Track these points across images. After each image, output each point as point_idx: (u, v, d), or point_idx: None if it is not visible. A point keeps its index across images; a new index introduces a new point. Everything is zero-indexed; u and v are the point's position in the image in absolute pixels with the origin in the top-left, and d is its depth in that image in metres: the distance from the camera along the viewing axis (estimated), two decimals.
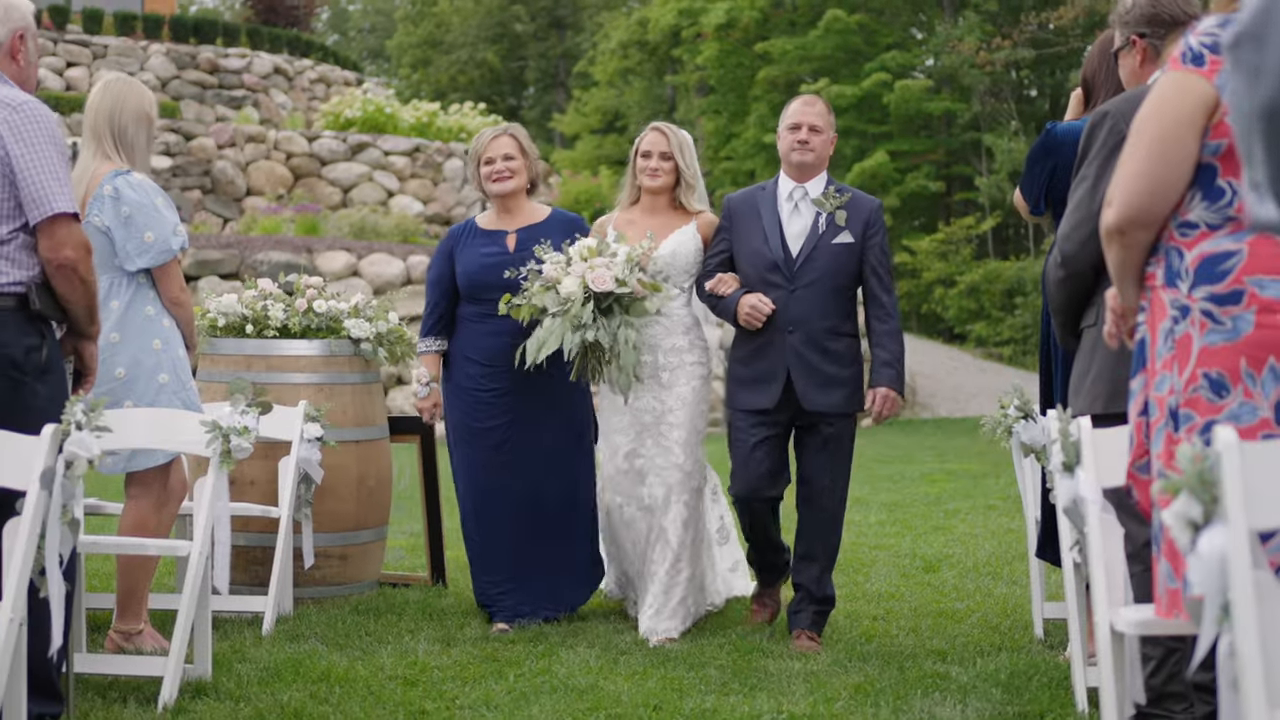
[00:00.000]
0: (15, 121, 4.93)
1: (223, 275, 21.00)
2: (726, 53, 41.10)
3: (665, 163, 7.30)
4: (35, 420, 4.78)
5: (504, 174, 7.29)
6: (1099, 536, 4.43)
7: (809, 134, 6.93)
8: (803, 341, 6.80)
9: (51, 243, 4.94)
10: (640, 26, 45.14)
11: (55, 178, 4.92)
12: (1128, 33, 5.21)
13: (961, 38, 36.64)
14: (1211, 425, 3.57)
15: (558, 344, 6.66)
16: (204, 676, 5.88)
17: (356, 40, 66.46)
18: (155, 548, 6.05)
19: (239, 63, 33.15)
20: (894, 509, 12.43)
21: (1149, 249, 3.78)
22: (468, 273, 7.28)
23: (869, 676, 6.06)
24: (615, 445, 7.23)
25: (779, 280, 6.85)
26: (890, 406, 6.85)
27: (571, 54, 54.55)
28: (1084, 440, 4.57)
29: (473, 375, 7.28)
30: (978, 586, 8.29)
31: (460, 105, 33.57)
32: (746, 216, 7.04)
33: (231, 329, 7.83)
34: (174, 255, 6.47)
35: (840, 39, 38.69)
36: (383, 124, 30.51)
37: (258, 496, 7.57)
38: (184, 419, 6.02)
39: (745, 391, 6.93)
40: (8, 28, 5.17)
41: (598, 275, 6.67)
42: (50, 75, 31.42)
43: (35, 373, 4.95)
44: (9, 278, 4.93)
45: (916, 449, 19.92)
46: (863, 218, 6.92)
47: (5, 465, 4.61)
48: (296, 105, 33.33)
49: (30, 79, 5.27)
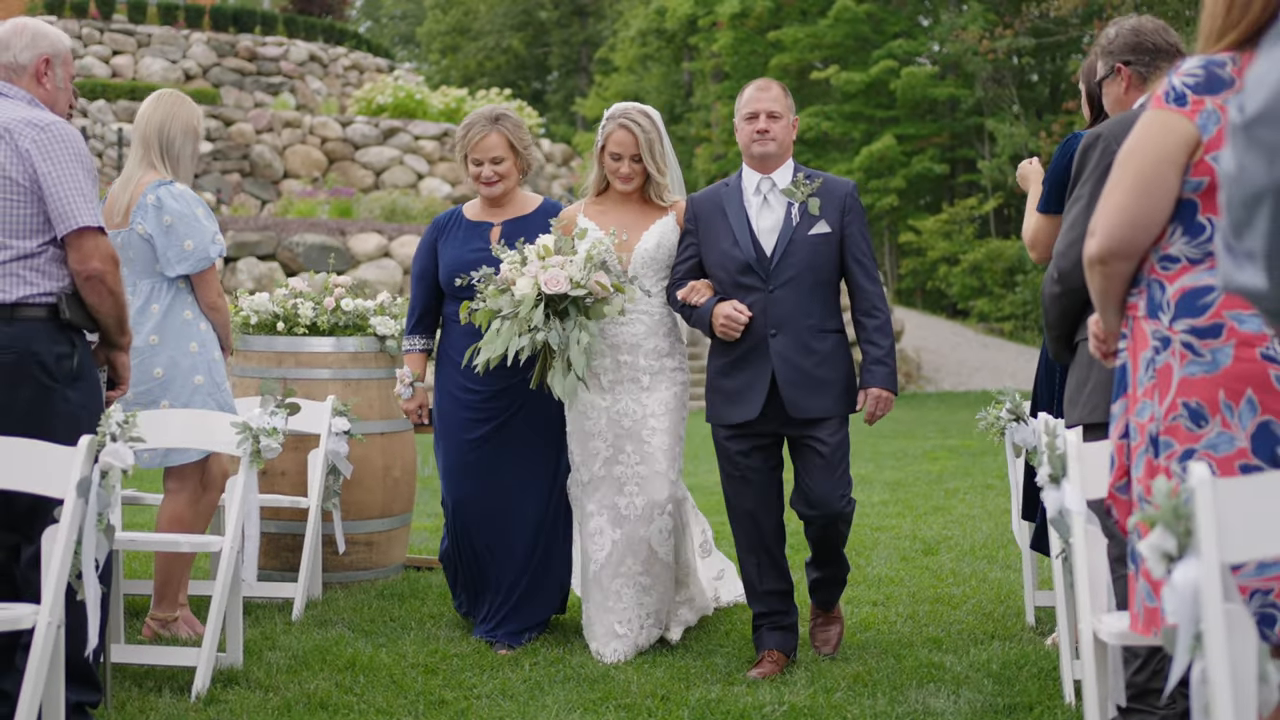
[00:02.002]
0: (43, 140, 4.95)
1: (260, 256, 21.03)
2: (740, 40, 41.04)
3: (636, 165, 6.48)
4: (66, 427, 4.82)
5: (492, 180, 6.64)
6: (1083, 546, 4.42)
7: (768, 121, 6.16)
8: (787, 345, 6.07)
9: (79, 255, 4.95)
10: (658, 15, 45.09)
11: (81, 193, 4.94)
12: (1112, 61, 5.19)
13: (965, 26, 36.53)
14: (1191, 453, 3.55)
15: (504, 348, 6.00)
16: (235, 665, 5.89)
17: (389, 27, 66.37)
18: (188, 544, 6.05)
19: (276, 50, 33.15)
20: (896, 488, 12.42)
21: (1130, 278, 3.76)
22: (449, 269, 6.64)
23: (867, 666, 6.05)
24: (594, 450, 6.43)
25: (754, 282, 6.11)
26: (884, 407, 6.15)
27: (593, 40, 54.42)
28: (1070, 453, 4.56)
29: (455, 378, 6.66)
30: (974, 571, 8.26)
31: (487, 91, 33.54)
32: (712, 217, 6.28)
33: (263, 326, 7.82)
34: (212, 263, 6.50)
35: (849, 27, 38.63)
36: (413, 109, 30.53)
37: (288, 487, 7.58)
38: (217, 420, 6.03)
39: (728, 405, 6.19)
40: (33, 52, 5.19)
41: (551, 276, 5.99)
42: (96, 63, 31.46)
43: (66, 380, 4.96)
44: (39, 289, 4.94)
45: (920, 424, 19.90)
46: (838, 204, 6.18)
47: (44, 474, 4.61)
48: (331, 91, 33.33)
49: (59, 102, 5.28)
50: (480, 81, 51.16)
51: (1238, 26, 3.52)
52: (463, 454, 6.62)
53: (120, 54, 32.09)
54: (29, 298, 4.92)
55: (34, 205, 4.95)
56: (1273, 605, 3.43)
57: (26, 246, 4.95)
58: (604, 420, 6.41)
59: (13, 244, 4.94)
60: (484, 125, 6.62)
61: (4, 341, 4.88)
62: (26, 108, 5.08)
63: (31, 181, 4.93)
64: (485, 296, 6.11)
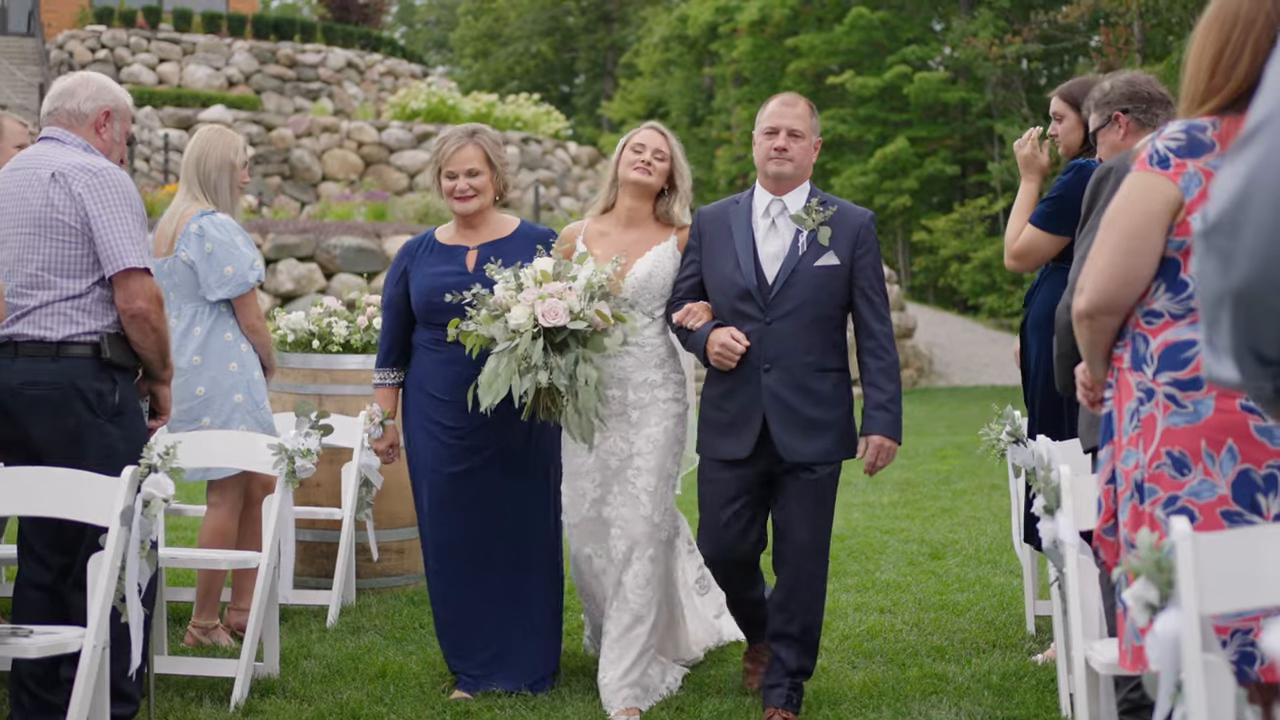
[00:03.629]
0: (94, 185, 5.02)
1: (299, 258, 21.08)
2: (759, 47, 41.02)
3: (660, 162, 5.87)
4: (106, 459, 4.90)
5: (467, 194, 5.96)
6: (1076, 576, 4.46)
7: (788, 140, 5.55)
8: (780, 381, 5.44)
9: (125, 294, 5.02)
10: (680, 22, 45.08)
11: (129, 236, 5.01)
12: (1110, 111, 5.23)
13: (976, 33, 36.42)
14: (1174, 499, 3.58)
15: (506, 388, 5.37)
16: (272, 674, 5.96)
17: (423, 32, 66.44)
18: (226, 561, 6.14)
19: (315, 58, 33.27)
20: (906, 488, 12.44)
21: (1116, 331, 3.79)
22: (421, 294, 5.97)
23: (873, 676, 6.08)
24: (581, 490, 5.81)
25: (752, 310, 5.49)
26: (885, 457, 5.52)
27: (619, 46, 54.40)
28: (1064, 486, 4.59)
29: (428, 412, 6.00)
30: (978, 576, 8.29)
31: (516, 96, 33.57)
32: (717, 235, 5.65)
33: (300, 344, 7.89)
34: (250, 287, 6.58)
35: (864, 34, 38.57)
36: (445, 114, 30.60)
37: (323, 498, 7.65)
38: (255, 440, 6.12)
39: (717, 437, 5.57)
40: (96, 104, 5.29)
41: (549, 308, 5.35)
42: (144, 70, 31.62)
43: (107, 414, 5.04)
44: (84, 327, 5.02)
45: (930, 420, 19.89)
46: (850, 235, 5.53)
47: (90, 503, 4.70)
48: (367, 97, 33.41)
49: (115, 153, 5.36)
50: (510, 85, 51.20)
51: (1220, 92, 3.55)
52: (446, 489, 5.97)
53: (166, 61, 32.23)
54: (74, 336, 5.01)
55: (83, 247, 5.02)
56: (1253, 644, 3.47)
57: (74, 287, 5.02)
58: (591, 459, 5.77)
59: (61, 284, 5.02)
60: (460, 138, 6.02)
61: (49, 377, 4.97)
62: (81, 154, 5.16)
63: (82, 224, 5.01)
64: (478, 320, 5.52)
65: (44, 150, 5.18)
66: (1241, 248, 1.81)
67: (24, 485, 4.80)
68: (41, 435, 5.01)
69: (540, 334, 5.37)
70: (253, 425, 6.53)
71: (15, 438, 5.07)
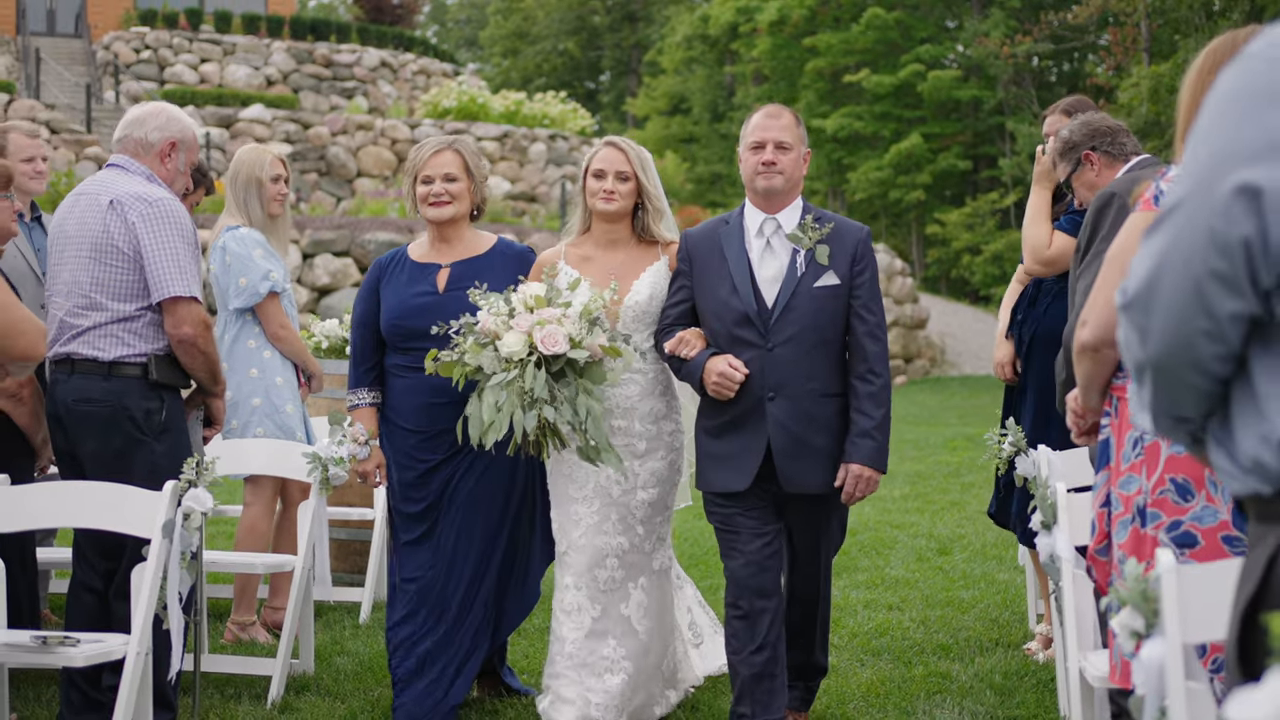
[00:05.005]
0: (149, 214, 5.09)
1: (335, 253, 21.15)
2: (778, 46, 40.99)
3: (623, 184, 5.31)
4: (150, 475, 4.99)
5: (442, 198, 5.43)
6: (1071, 589, 4.49)
7: (775, 153, 5.07)
8: (785, 410, 5.01)
9: (173, 320, 5.09)
10: (702, 21, 45.03)
11: (177, 264, 5.06)
12: (1077, 154, 5.25)
13: (988, 33, 36.37)
14: (1178, 524, 3.64)
15: (507, 424, 4.79)
16: (307, 671, 6.04)
17: (454, 31, 66.47)
18: (263, 565, 6.23)
19: (350, 57, 33.29)
20: (916, 481, 12.47)
21: (1116, 364, 3.82)
22: (390, 316, 5.46)
23: (880, 674, 6.12)
24: (575, 516, 5.28)
25: (752, 337, 5.04)
26: (865, 488, 5.03)
27: (643, 44, 54.34)
28: (1060, 503, 4.63)
29: (397, 443, 5.51)
30: (984, 572, 8.32)
31: (544, 94, 33.58)
32: (709, 258, 5.16)
33: (333, 350, 7.94)
34: (261, 298, 6.66)
35: (879, 33, 38.50)
36: (475, 112, 30.63)
37: (356, 498, 7.72)
38: (290, 449, 6.20)
39: (718, 469, 5.12)
40: (163, 134, 5.34)
41: (548, 334, 4.80)
42: (186, 70, 31.72)
43: (154, 433, 5.12)
44: (134, 349, 5.10)
45: (942, 409, 19.91)
46: (849, 252, 5.08)
47: (133, 516, 4.78)
48: (400, 95, 33.44)
49: (177, 183, 5.42)
50: (538, 83, 51.23)
51: None
52: (405, 531, 5.51)
53: (207, 62, 32.31)
54: (125, 357, 5.10)
55: (135, 273, 5.10)
56: None
57: (125, 310, 5.11)
58: (590, 486, 5.27)
59: (113, 307, 5.10)
60: (436, 144, 5.53)
61: (101, 396, 5.07)
62: (142, 183, 5.22)
63: (135, 251, 5.08)
64: (464, 350, 4.92)
65: (107, 177, 5.27)
66: (1154, 326, 1.89)
67: (73, 498, 4.93)
68: (90, 450, 5.12)
69: (541, 363, 4.85)
70: (270, 428, 6.64)
71: (68, 450, 5.20)
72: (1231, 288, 1.80)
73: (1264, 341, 1.84)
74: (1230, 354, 1.86)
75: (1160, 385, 1.93)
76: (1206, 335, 1.84)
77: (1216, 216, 1.78)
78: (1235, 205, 1.77)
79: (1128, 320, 1.93)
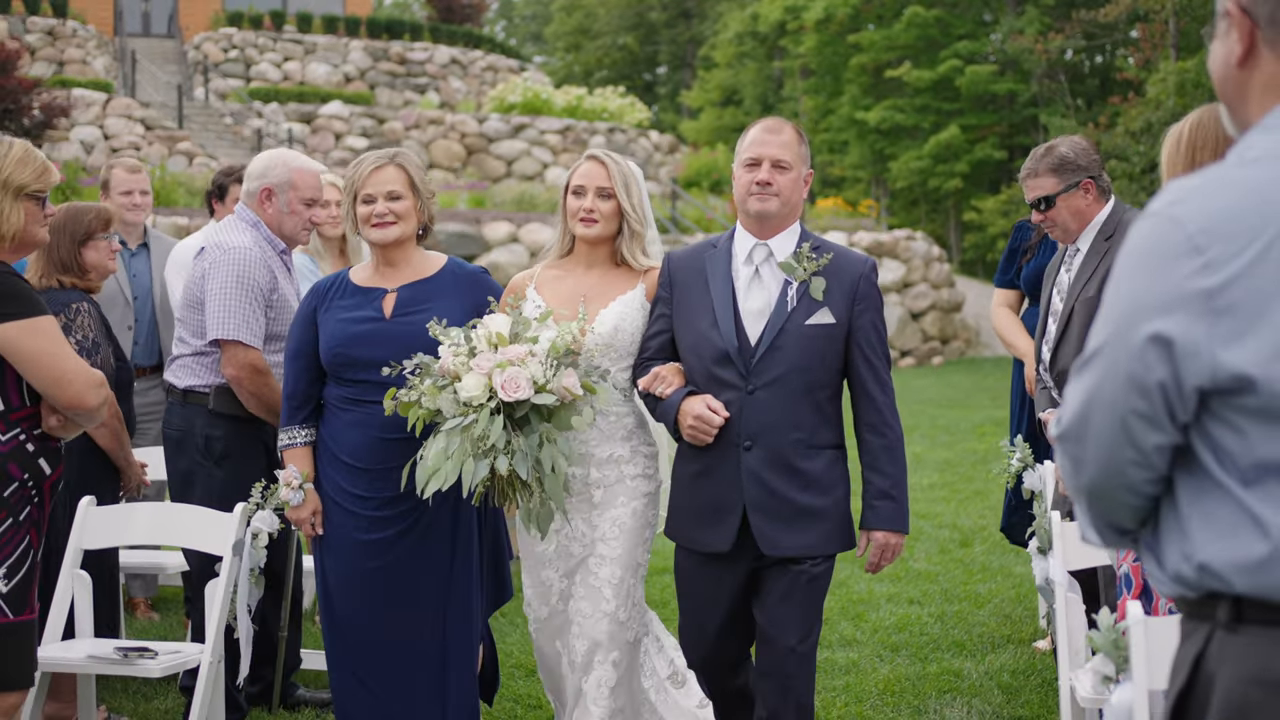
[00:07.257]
0: (216, 260, 5.26)
1: None
2: (824, 42, 40.89)
3: (605, 202, 4.54)
4: (207, 498, 5.16)
5: (386, 219, 4.63)
6: (1064, 611, 4.55)
7: (771, 172, 4.27)
8: (763, 462, 4.22)
9: (223, 360, 5.26)
10: (752, 19, 44.96)
11: (225, 308, 5.18)
12: (1079, 176, 5.23)
13: (1023, 29, 36.09)
14: None
15: (457, 473, 4.02)
16: None
17: (520, 26, 66.59)
18: None
19: (422, 55, 33.45)
20: (945, 469, 12.43)
21: None
22: (330, 344, 4.64)
23: (897, 672, 6.17)
24: (547, 581, 4.54)
25: (731, 377, 4.24)
26: (890, 555, 4.32)
27: (697, 39, 54.25)
28: (1054, 530, 4.68)
29: (338, 482, 4.66)
30: (1001, 565, 8.33)
31: (603, 89, 33.65)
32: (692, 285, 4.37)
33: None
34: None
35: (920, 30, 38.31)
36: (539, 107, 30.75)
37: None
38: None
39: (693, 525, 4.35)
40: (258, 183, 5.44)
41: (509, 378, 4.02)
42: (270, 69, 31.99)
43: (215, 458, 5.30)
44: (203, 380, 5.33)
45: (975, 391, 19.80)
46: (848, 287, 4.27)
47: (206, 535, 4.94)
48: (469, 90, 33.57)
49: (285, 225, 5.43)
50: (599, 76, 51.26)
51: None
52: (355, 563, 4.63)
53: (290, 60, 32.56)
54: (196, 387, 5.31)
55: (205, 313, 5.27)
56: None
57: (199, 345, 5.32)
58: (552, 547, 4.51)
59: (192, 342, 5.34)
60: (377, 158, 4.70)
61: (176, 420, 5.31)
62: (236, 230, 5.36)
63: (205, 294, 5.24)
64: (421, 391, 4.16)
65: (220, 225, 5.52)
66: (1088, 456, 1.97)
67: (156, 518, 5.15)
68: (169, 470, 5.35)
69: (500, 409, 4.07)
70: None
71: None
72: (1153, 424, 1.88)
73: (1186, 466, 1.93)
74: (1159, 477, 1.95)
75: (1097, 506, 2.02)
76: (1134, 464, 1.93)
77: (1135, 362, 1.86)
78: (1149, 353, 1.85)
79: (1063, 451, 2.01)
